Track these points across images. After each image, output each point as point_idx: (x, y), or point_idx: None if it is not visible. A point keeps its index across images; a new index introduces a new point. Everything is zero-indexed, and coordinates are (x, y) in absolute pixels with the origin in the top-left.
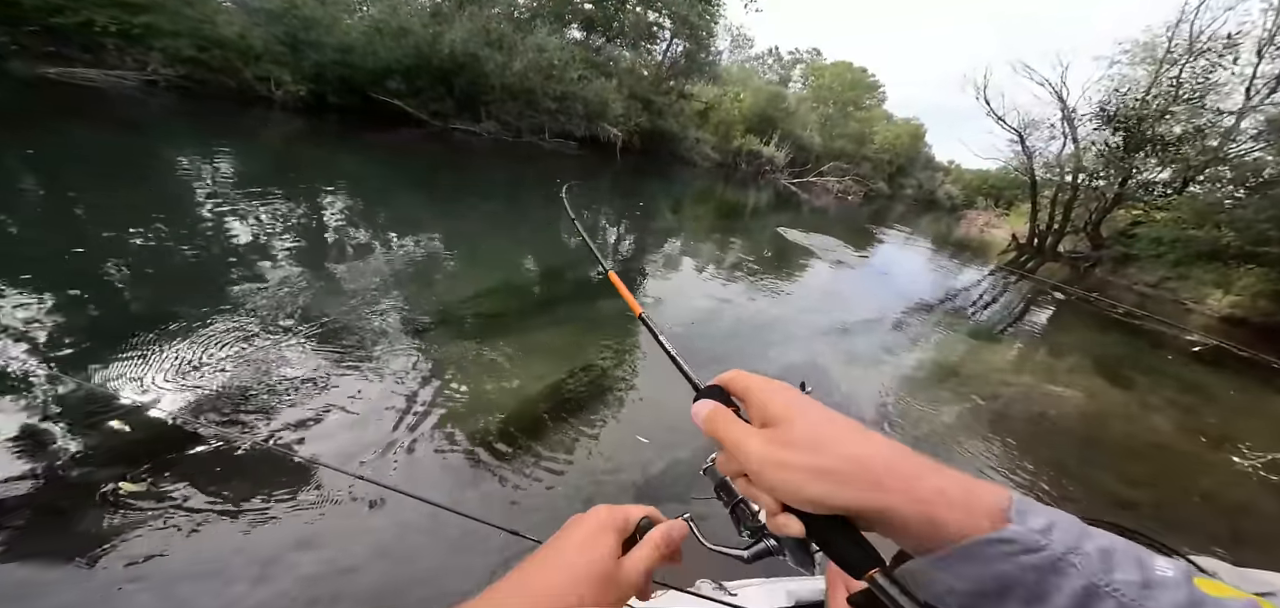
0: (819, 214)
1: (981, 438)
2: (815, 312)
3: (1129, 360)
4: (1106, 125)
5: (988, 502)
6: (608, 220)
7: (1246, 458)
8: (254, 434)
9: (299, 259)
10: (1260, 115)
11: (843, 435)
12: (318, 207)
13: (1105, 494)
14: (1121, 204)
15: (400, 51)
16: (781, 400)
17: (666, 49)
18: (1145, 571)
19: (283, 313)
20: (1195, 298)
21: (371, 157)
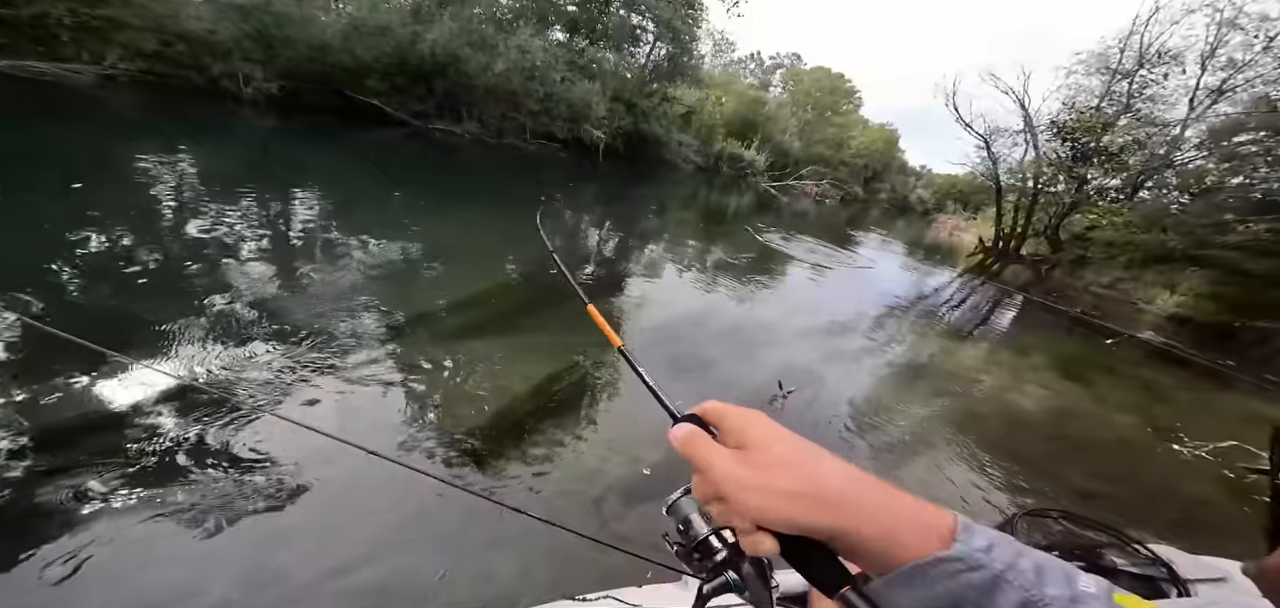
0: (799, 217)
1: (955, 437)
2: (798, 314)
3: (1087, 360)
4: (1057, 137)
5: (937, 524)
6: (591, 223)
7: (1196, 452)
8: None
9: (270, 261)
10: (1202, 125)
11: (809, 460)
12: (291, 206)
13: (1072, 489)
14: (1078, 209)
15: (379, 50)
16: (754, 426)
17: (650, 52)
18: (1072, 586)
19: (252, 316)
20: (1146, 299)
21: (349, 156)
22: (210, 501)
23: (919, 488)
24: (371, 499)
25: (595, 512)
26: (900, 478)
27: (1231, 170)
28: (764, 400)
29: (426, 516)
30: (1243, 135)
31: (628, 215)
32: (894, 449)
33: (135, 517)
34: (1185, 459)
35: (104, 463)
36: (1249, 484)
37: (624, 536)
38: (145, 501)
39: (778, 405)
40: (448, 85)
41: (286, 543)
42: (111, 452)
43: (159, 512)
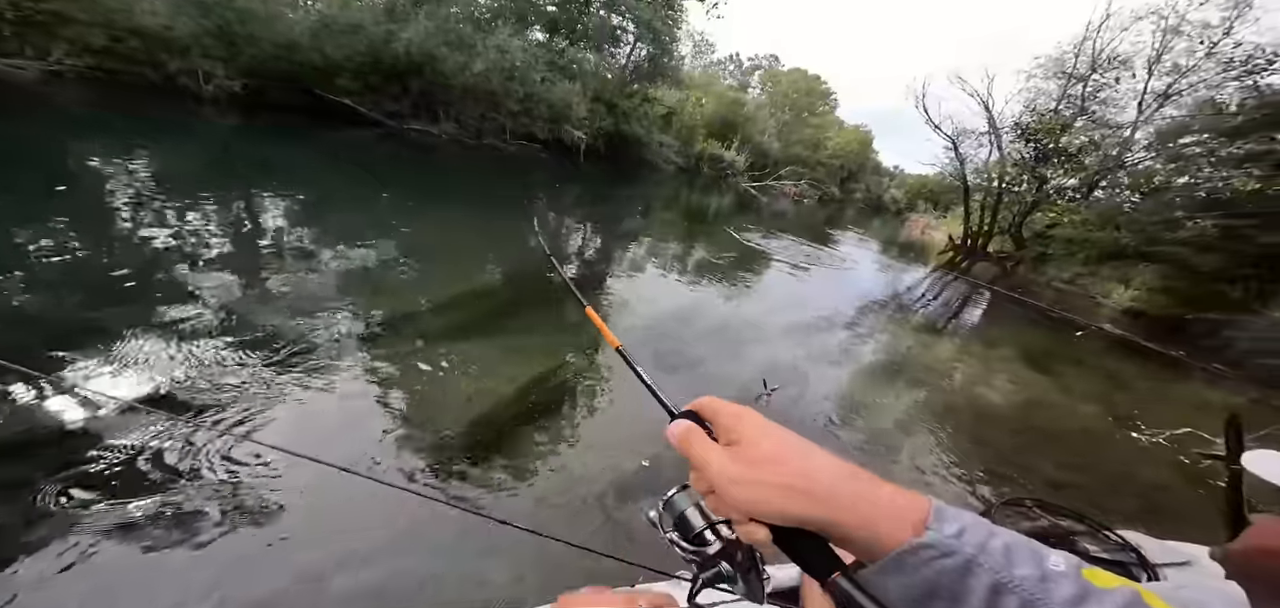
0: (778, 217)
1: (933, 429)
2: (781, 311)
3: (1051, 352)
4: (1020, 139)
5: (912, 511)
6: (576, 224)
7: (1154, 439)
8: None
9: (239, 266)
10: (1150, 128)
11: (797, 454)
12: (260, 209)
13: (1042, 478)
14: (1039, 208)
15: (351, 49)
16: (746, 423)
17: (630, 53)
18: (1041, 565)
19: (220, 321)
20: (1103, 293)
21: (319, 156)
22: (176, 527)
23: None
24: (354, 518)
25: (585, 516)
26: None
27: (1177, 170)
28: (750, 398)
29: (412, 531)
30: (1187, 137)
31: (611, 216)
32: (875, 443)
33: (97, 545)
34: (1144, 447)
35: (55, 488)
36: (1204, 469)
37: (614, 538)
38: (106, 528)
39: (763, 403)
40: (424, 85)
41: (259, 568)
42: (60, 474)
43: (124, 538)
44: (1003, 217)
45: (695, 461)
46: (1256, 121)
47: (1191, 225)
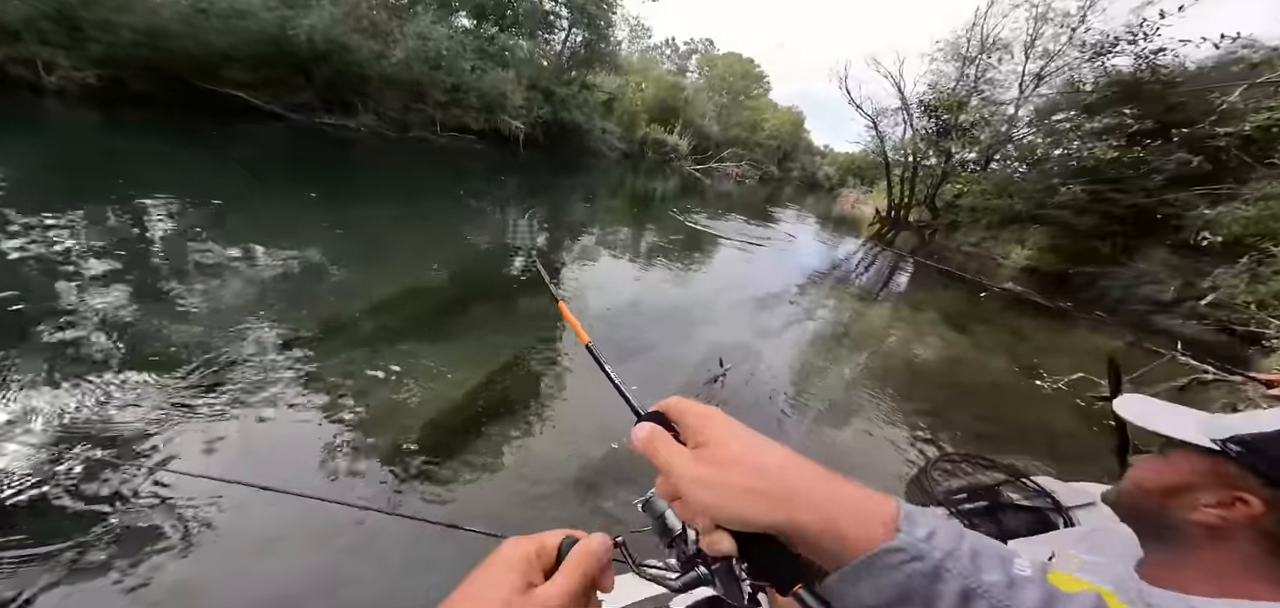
0: (723, 198)
1: (871, 391)
2: (729, 291)
3: (966, 312)
4: (925, 115)
5: (881, 513)
6: (518, 216)
7: (1054, 386)
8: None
9: (126, 280)
10: (1030, 106)
11: (760, 455)
12: (137, 215)
13: (966, 430)
14: (948, 180)
15: (238, 36)
16: (710, 424)
17: (566, 39)
18: (1007, 570)
19: (112, 346)
20: (1003, 254)
21: (208, 154)
22: (95, 573)
23: (850, 448)
24: (291, 540)
25: (547, 514)
26: (834, 441)
27: (1053, 144)
28: (705, 379)
29: (362, 547)
30: (1058, 115)
31: (555, 206)
32: (825, 413)
33: None
34: (1047, 394)
35: None
36: (1097, 411)
37: None
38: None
39: (719, 384)
40: (333, 75)
41: None
42: None
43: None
44: (919, 189)
45: (659, 464)
46: (1108, 98)
47: (1066, 191)
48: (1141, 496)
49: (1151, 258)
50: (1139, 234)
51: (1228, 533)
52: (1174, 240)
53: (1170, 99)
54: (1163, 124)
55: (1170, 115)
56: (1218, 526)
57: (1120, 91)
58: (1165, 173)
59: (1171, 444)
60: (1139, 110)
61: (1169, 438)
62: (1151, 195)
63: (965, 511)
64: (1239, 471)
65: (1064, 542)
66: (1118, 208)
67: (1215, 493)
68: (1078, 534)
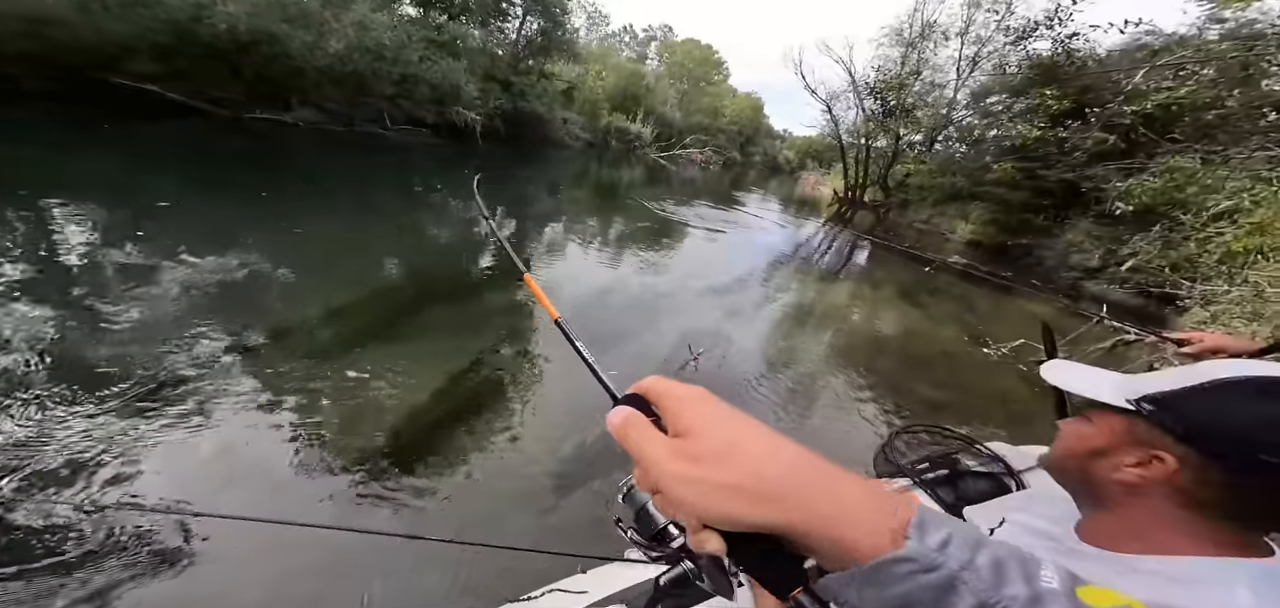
0: (688, 184)
1: (835, 367)
2: (696, 276)
3: (918, 286)
4: (870, 96)
5: (890, 518)
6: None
7: (999, 352)
8: None
9: (41, 296)
10: (966, 89)
11: (750, 447)
12: (49, 225)
13: (924, 400)
14: (897, 161)
15: (144, 24)
16: (693, 409)
17: (521, 27)
18: (1032, 584)
19: (35, 366)
20: (950, 229)
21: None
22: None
23: (818, 424)
24: (248, 566)
25: (523, 515)
26: (802, 417)
27: (988, 125)
28: (676, 366)
29: (328, 565)
30: (991, 97)
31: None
32: (793, 391)
33: None
34: (994, 362)
35: None
36: (1037, 375)
37: (558, 530)
38: None
39: (691, 369)
40: (260, 67)
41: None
42: None
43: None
44: (872, 170)
45: (636, 456)
46: (1030, 80)
47: (999, 168)
48: (1069, 458)
49: (1078, 229)
50: (1066, 207)
51: (1146, 490)
52: (1097, 212)
53: (1084, 81)
54: (1079, 105)
55: (1085, 96)
56: (1137, 484)
57: (1040, 74)
58: (1084, 150)
59: (1093, 406)
60: (1058, 91)
61: (1090, 400)
62: (1074, 171)
63: (928, 480)
64: (1153, 429)
65: (1012, 507)
66: (1046, 183)
67: (1134, 452)
68: (1024, 498)
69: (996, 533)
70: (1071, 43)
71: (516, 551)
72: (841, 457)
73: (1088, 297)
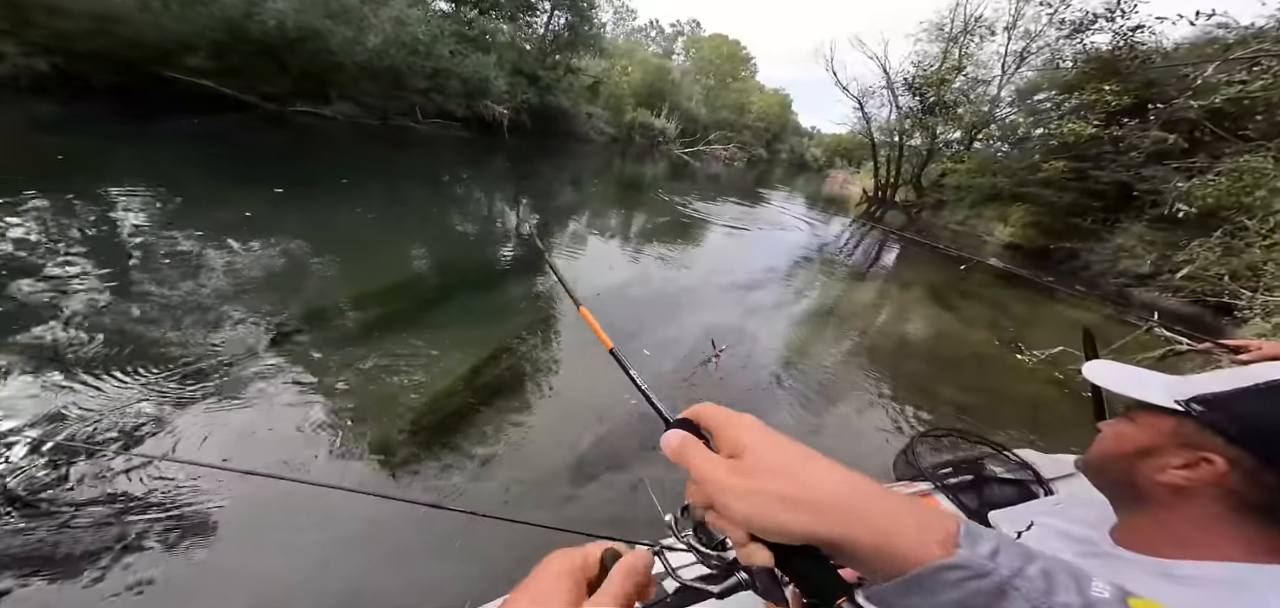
0: (712, 180)
1: (860, 368)
2: (720, 272)
3: (950, 288)
4: (909, 93)
5: (938, 529)
6: (505, 203)
7: (1034, 359)
8: None
9: (100, 279)
10: (1012, 86)
11: (801, 464)
12: (111, 212)
13: (949, 403)
14: (933, 159)
15: (200, 23)
16: (746, 432)
17: (548, 21)
18: (1084, 594)
19: (93, 344)
20: (987, 231)
21: (179, 146)
22: (110, 564)
23: (840, 424)
24: (298, 528)
25: (545, 497)
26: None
27: (1034, 123)
28: (699, 361)
29: (370, 536)
30: (1040, 94)
31: (542, 191)
32: (816, 391)
33: None
34: (1028, 368)
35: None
36: (1077, 384)
37: (580, 515)
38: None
39: (712, 366)
40: (305, 62)
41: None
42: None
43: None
44: (905, 169)
45: (693, 472)
46: (1087, 75)
47: (1049, 167)
48: (1110, 460)
49: (1129, 233)
50: (1117, 210)
51: (1192, 493)
52: (1151, 215)
53: (1147, 75)
54: (1140, 101)
55: (1148, 92)
56: (1182, 486)
57: (1098, 68)
58: (1141, 149)
59: (1138, 407)
60: (1118, 87)
61: (1135, 401)
62: (1129, 171)
63: (950, 485)
64: (1202, 430)
65: (1041, 511)
66: (1097, 184)
67: (1181, 454)
68: (1054, 502)
69: (1025, 537)
70: (1135, 36)
71: (539, 527)
72: (861, 458)
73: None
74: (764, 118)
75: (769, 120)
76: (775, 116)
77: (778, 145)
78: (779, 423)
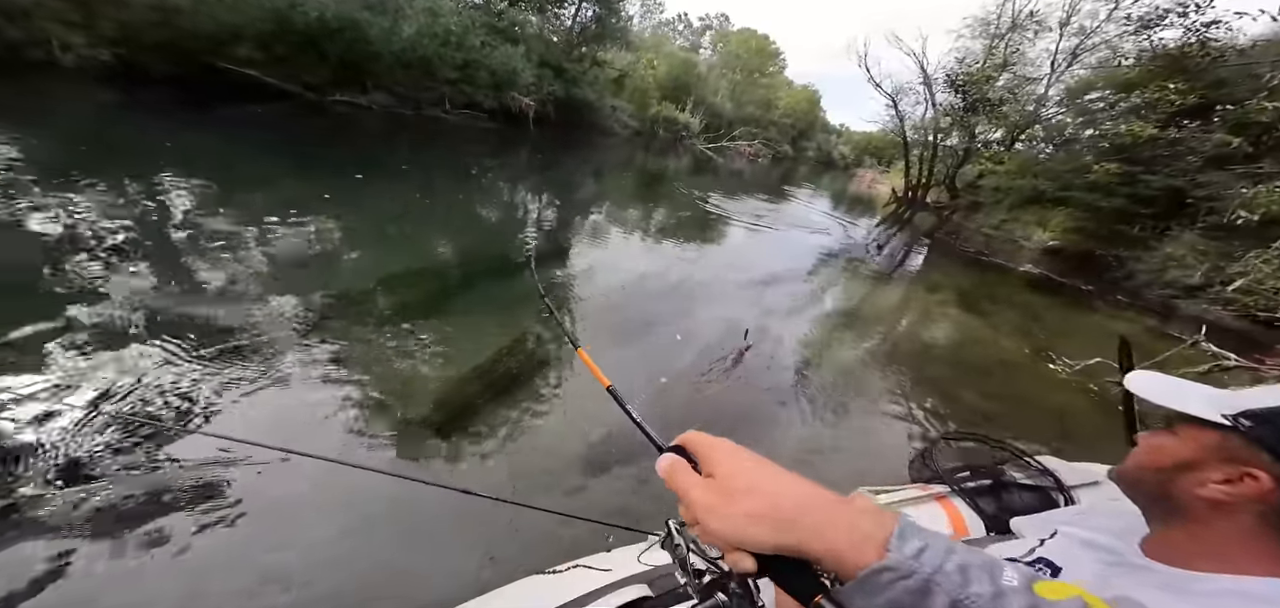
0: (735, 176)
1: (880, 370)
2: (739, 269)
3: (982, 293)
4: (951, 90)
5: (875, 533)
6: (529, 194)
7: (1067, 369)
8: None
9: (151, 258)
10: (1061, 84)
11: (766, 485)
12: (160, 194)
13: (971, 409)
14: (969, 160)
15: (249, 13)
16: (722, 457)
17: (576, 13)
18: (995, 582)
19: (138, 320)
20: (1024, 236)
21: (228, 134)
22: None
23: (860, 426)
24: (319, 505)
25: (555, 486)
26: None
27: (1084, 123)
28: (730, 353)
29: (387, 515)
30: (1092, 94)
31: (565, 183)
32: (837, 392)
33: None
34: (1060, 378)
35: None
36: (1113, 397)
37: (584, 506)
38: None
39: (734, 362)
40: (343, 52)
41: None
42: None
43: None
44: (939, 169)
45: (679, 494)
46: (1151, 73)
47: (1099, 170)
48: (1146, 472)
49: (1180, 241)
50: (1169, 217)
51: (1232, 508)
52: (1206, 224)
53: (1217, 74)
54: (1206, 101)
55: (1216, 92)
56: (1224, 501)
57: (1163, 66)
58: (1201, 153)
59: (1180, 419)
60: (1184, 85)
61: (1177, 413)
62: (1185, 176)
63: (969, 489)
64: (1249, 445)
65: (1064, 519)
66: (1148, 189)
67: (1223, 469)
68: (1077, 511)
69: (1047, 544)
70: (1208, 32)
71: (553, 514)
72: (878, 460)
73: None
74: (791, 114)
75: (796, 117)
76: (803, 113)
77: (804, 142)
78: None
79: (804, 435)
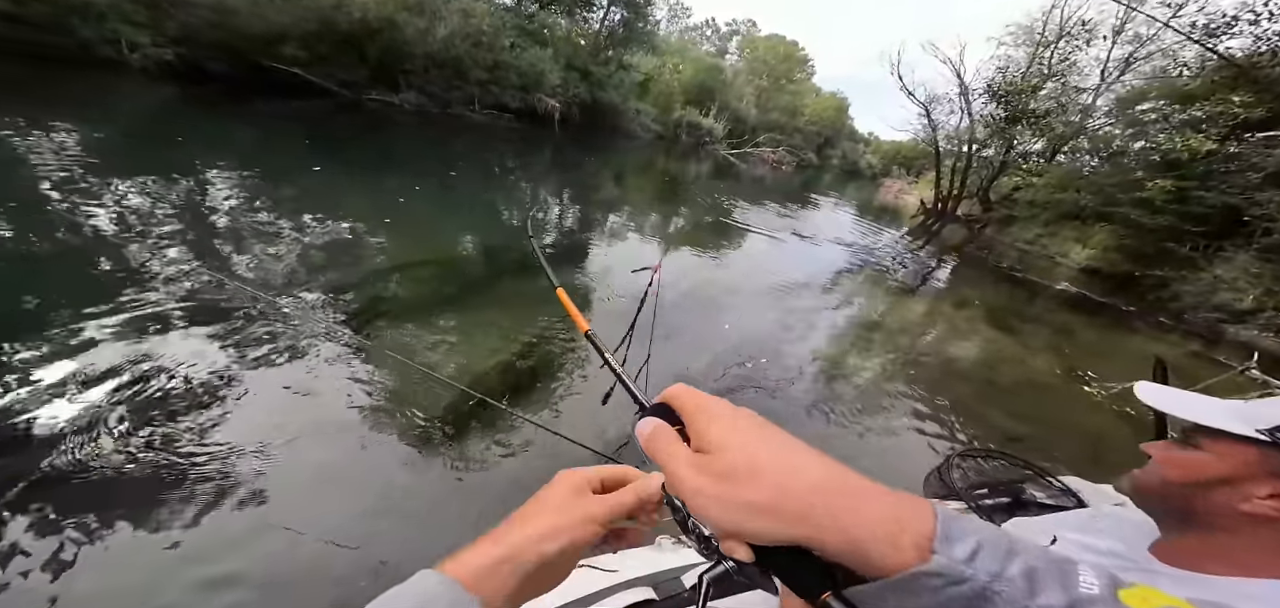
0: (757, 183)
1: (902, 386)
2: (757, 276)
3: (1012, 310)
4: (992, 100)
5: (913, 530)
6: (550, 193)
7: (1101, 391)
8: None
9: (193, 246)
10: (1110, 94)
11: (772, 465)
12: (208, 186)
13: (998, 429)
14: (1005, 172)
15: (296, 14)
16: (716, 426)
17: (604, 17)
18: (1069, 591)
19: (180, 306)
20: (1061, 252)
21: (270, 130)
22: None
23: (876, 440)
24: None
25: None
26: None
27: (1135, 135)
28: (732, 363)
29: None
30: (1145, 104)
31: (586, 185)
32: (853, 403)
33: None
34: (1095, 400)
35: None
36: (1150, 422)
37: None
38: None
39: (749, 365)
40: (381, 52)
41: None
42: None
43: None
44: (971, 181)
45: (664, 470)
46: (1214, 83)
47: (1154, 186)
48: (1174, 485)
49: (1233, 262)
50: (1222, 236)
51: (1269, 521)
52: (1261, 245)
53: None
54: (1275, 114)
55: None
56: (1271, 516)
57: (1229, 76)
58: (1264, 169)
59: (1206, 433)
60: (1250, 97)
61: (1201, 427)
62: (1241, 193)
63: (986, 506)
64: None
65: (1066, 524)
66: (1200, 206)
67: (1269, 483)
68: (1082, 518)
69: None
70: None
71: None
72: (895, 475)
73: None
74: (817, 121)
75: (822, 124)
76: (830, 121)
77: (830, 151)
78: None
79: (816, 445)
